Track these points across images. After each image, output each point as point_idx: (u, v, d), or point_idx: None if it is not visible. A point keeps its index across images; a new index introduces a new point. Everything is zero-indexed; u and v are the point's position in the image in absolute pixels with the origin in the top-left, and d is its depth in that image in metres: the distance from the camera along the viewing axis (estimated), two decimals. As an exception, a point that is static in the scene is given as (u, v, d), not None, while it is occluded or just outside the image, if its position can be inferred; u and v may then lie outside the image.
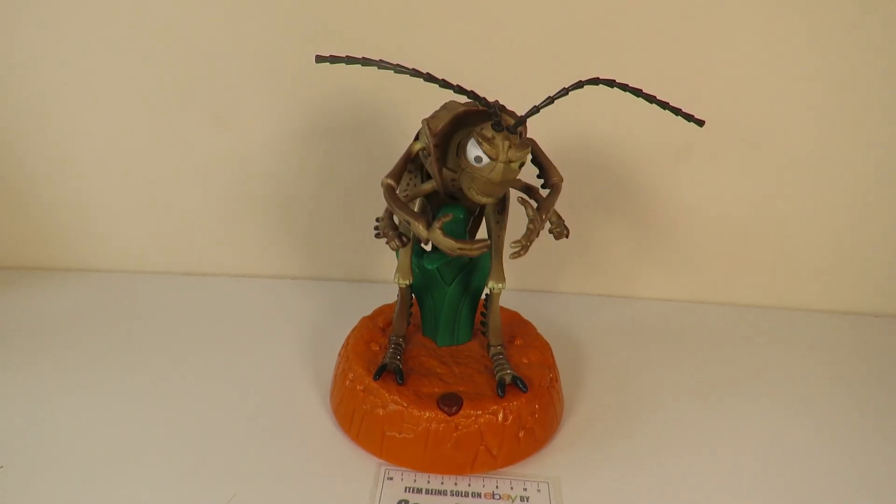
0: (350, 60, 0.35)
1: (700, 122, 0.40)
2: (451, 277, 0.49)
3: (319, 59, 0.36)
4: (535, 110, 0.39)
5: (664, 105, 0.39)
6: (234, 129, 0.66)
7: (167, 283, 0.70)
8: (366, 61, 0.36)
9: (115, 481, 0.45)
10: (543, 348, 0.53)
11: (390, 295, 0.58)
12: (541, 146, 0.47)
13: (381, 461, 0.48)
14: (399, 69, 0.36)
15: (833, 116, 0.63)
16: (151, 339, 0.60)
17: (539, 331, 0.56)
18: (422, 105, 0.48)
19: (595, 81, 0.39)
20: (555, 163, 0.47)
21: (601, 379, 0.58)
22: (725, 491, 0.47)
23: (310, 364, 0.58)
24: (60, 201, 0.69)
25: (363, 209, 0.68)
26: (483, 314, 0.51)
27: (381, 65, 0.36)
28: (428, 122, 0.42)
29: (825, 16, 0.59)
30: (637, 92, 0.39)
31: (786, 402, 0.56)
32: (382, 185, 0.43)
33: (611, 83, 0.39)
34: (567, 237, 0.48)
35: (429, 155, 0.43)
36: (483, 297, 0.52)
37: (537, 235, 0.43)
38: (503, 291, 0.49)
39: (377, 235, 0.48)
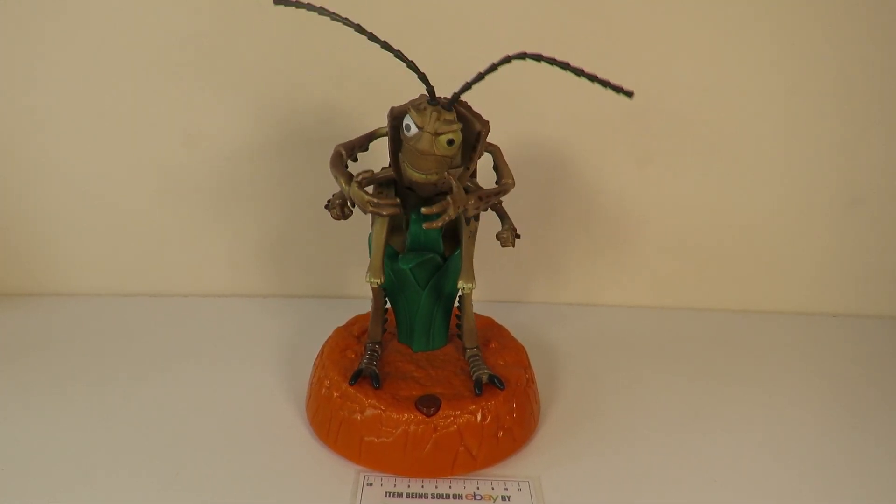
0: (299, 5, 0.40)
1: (629, 94, 0.39)
2: (426, 280, 0.50)
3: (277, 1, 0.40)
4: (467, 86, 0.41)
5: (592, 78, 0.39)
6: (201, 147, 0.65)
7: (135, 305, 0.68)
8: (310, 7, 0.40)
9: (89, 497, 0.44)
10: (518, 350, 0.54)
11: (362, 310, 0.58)
12: (505, 156, 0.48)
13: (360, 467, 0.47)
14: (347, 22, 0.39)
15: (793, 122, 0.66)
16: (121, 359, 0.59)
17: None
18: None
19: (522, 56, 0.40)
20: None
21: (575, 381, 0.59)
22: (703, 484, 0.48)
23: (284, 377, 0.57)
24: (22, 225, 0.67)
25: (333, 225, 0.68)
26: (458, 317, 0.51)
27: (333, 16, 0.39)
28: (393, 108, 0.44)
29: (784, 22, 0.62)
30: (564, 65, 0.39)
31: (755, 400, 0.58)
32: (334, 149, 0.46)
33: (538, 57, 0.39)
34: (512, 246, 0.49)
35: None
36: (457, 299, 0.52)
37: (453, 210, 0.42)
38: (476, 302, 0.49)
39: (326, 206, 0.50)
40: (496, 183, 0.48)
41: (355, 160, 0.47)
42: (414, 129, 0.41)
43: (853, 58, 0.64)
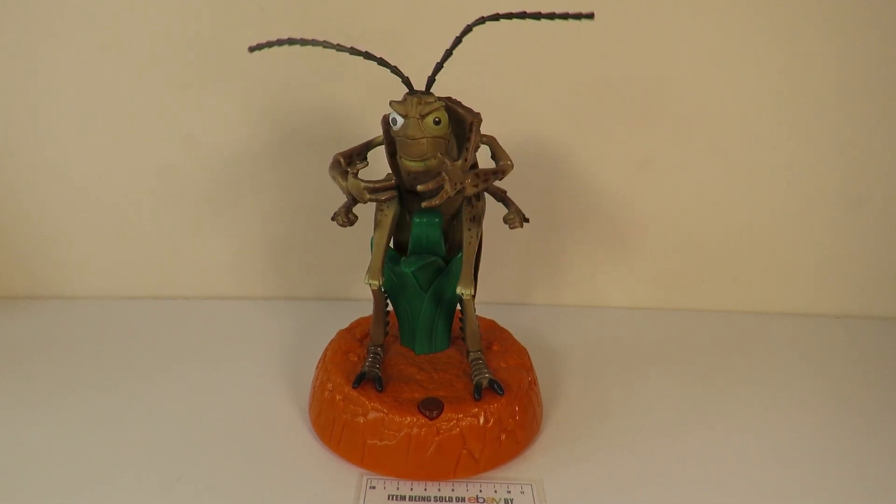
0: (280, 42, 0.41)
1: (590, 16, 0.41)
2: (428, 284, 0.50)
3: (252, 48, 0.42)
4: (439, 66, 0.43)
5: (551, 16, 0.41)
6: (203, 149, 0.65)
7: (138, 307, 0.68)
8: (291, 41, 0.41)
9: (92, 500, 0.44)
10: (521, 353, 0.54)
11: (365, 312, 0.58)
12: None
13: (363, 470, 0.47)
14: (323, 45, 0.42)
15: (796, 122, 0.66)
16: (124, 362, 0.59)
17: (513, 339, 0.56)
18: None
19: (481, 21, 0.41)
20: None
21: (578, 383, 0.59)
22: (705, 485, 0.48)
23: (287, 380, 0.57)
24: (25, 228, 0.67)
25: (335, 228, 0.68)
26: (461, 319, 0.51)
27: (304, 42, 0.41)
28: (386, 116, 0.44)
29: (787, 21, 0.62)
30: (521, 15, 0.41)
31: (758, 401, 0.57)
32: (332, 157, 0.46)
33: (496, 17, 0.41)
34: (521, 227, 0.48)
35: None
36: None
37: (449, 185, 0.42)
38: (479, 304, 0.49)
39: (333, 218, 0.50)
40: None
41: None
42: (400, 120, 0.42)
43: (856, 58, 0.64)
